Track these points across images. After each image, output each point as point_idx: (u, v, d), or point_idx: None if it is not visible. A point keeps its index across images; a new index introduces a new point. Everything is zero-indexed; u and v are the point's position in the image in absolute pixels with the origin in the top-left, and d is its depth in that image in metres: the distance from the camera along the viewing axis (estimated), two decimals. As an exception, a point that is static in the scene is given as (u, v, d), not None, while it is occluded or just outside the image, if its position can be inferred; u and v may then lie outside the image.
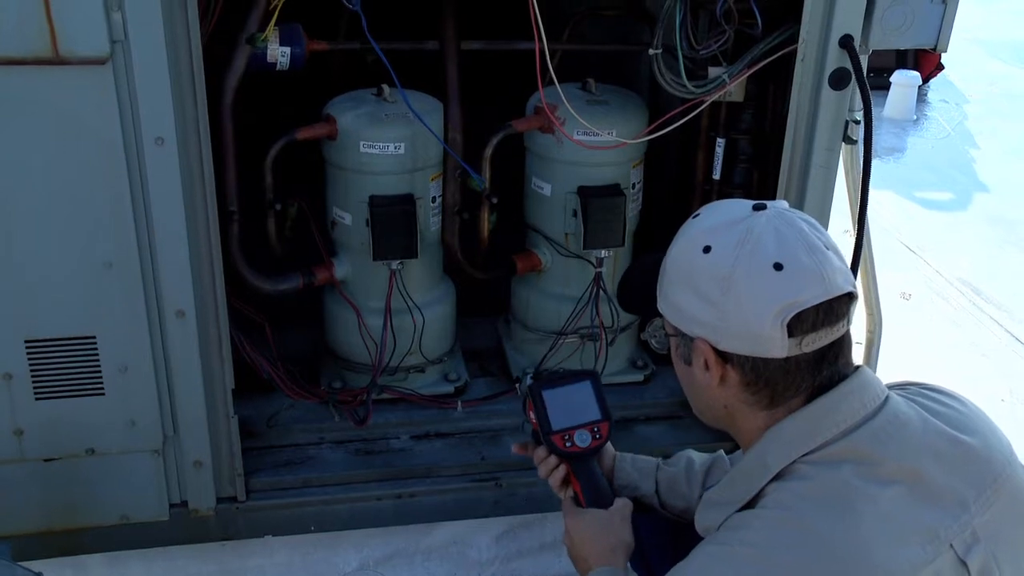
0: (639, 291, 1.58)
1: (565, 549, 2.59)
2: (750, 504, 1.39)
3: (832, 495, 1.29)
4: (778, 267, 1.32)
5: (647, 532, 1.79)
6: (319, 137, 2.37)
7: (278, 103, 2.61)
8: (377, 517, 2.43)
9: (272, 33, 2.15)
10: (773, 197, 2.31)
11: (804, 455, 1.35)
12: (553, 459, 1.80)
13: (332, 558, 2.50)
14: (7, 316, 2.04)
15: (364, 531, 2.48)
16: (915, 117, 6.94)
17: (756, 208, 1.39)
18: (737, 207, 1.42)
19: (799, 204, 2.22)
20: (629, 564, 1.68)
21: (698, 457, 1.84)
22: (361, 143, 2.33)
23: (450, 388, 2.64)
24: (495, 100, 2.63)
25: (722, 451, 1.87)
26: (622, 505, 1.73)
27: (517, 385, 2.63)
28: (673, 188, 2.74)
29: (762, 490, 1.37)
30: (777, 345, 1.33)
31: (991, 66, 8.28)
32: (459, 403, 2.59)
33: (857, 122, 2.13)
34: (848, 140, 2.15)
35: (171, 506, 2.30)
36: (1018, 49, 8.59)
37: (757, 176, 2.45)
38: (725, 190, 2.49)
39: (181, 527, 2.32)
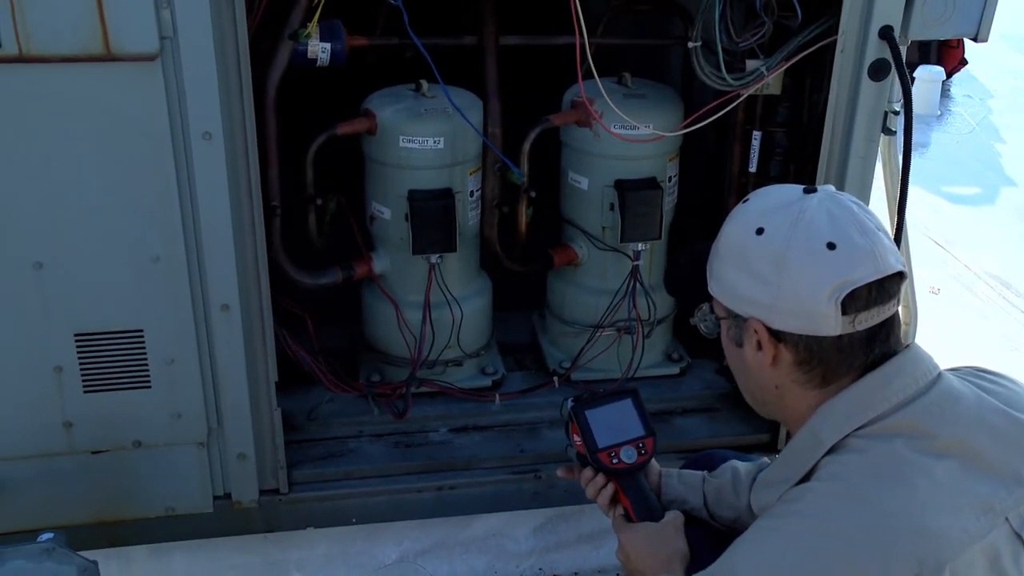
0: (689, 277, 1.59)
1: (603, 542, 2.64)
2: (804, 480, 1.40)
3: (886, 467, 1.31)
4: (831, 246, 1.34)
5: (697, 544, 1.78)
6: (359, 132, 2.39)
7: (312, 99, 2.63)
8: (418, 509, 2.45)
9: (314, 29, 2.17)
10: (811, 189, 2.34)
11: (857, 429, 1.37)
12: (601, 478, 1.82)
13: (372, 550, 2.53)
14: (58, 310, 2.07)
15: (403, 523, 2.50)
16: (939, 112, 6.91)
17: (807, 192, 1.41)
18: (788, 191, 1.44)
19: (838, 195, 2.23)
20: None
21: (743, 466, 1.85)
22: (401, 138, 2.36)
23: (487, 381, 2.66)
24: (526, 95, 2.65)
25: (765, 458, 1.89)
26: (674, 516, 1.74)
27: (555, 378, 2.65)
28: (706, 181, 2.76)
29: (816, 465, 1.39)
30: (831, 323, 1.35)
31: (1014, 60, 8.24)
32: (497, 396, 2.61)
33: (896, 113, 2.14)
34: (887, 131, 2.16)
35: (215, 498, 2.33)
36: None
37: (794, 168, 2.45)
38: (761, 183, 2.48)
39: (224, 519, 2.35)
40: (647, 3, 2.74)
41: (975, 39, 2.10)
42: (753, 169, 2.48)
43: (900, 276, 1.37)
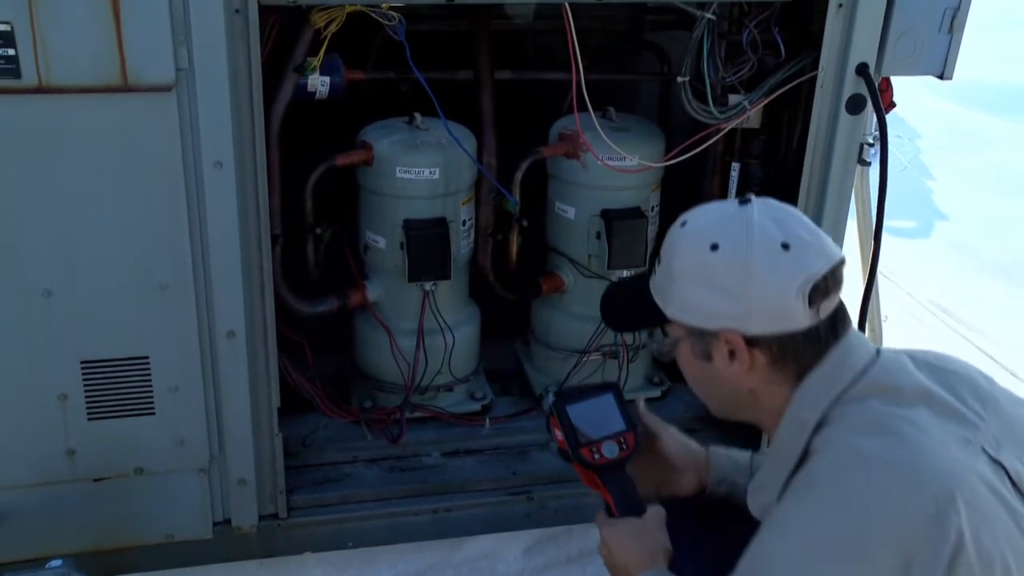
0: (631, 306, 1.66)
1: (589, 561, 2.70)
2: (800, 464, 1.46)
3: (872, 422, 1.40)
4: (786, 247, 1.44)
5: (679, 541, 1.77)
6: (356, 163, 2.46)
7: (304, 131, 2.69)
8: (414, 532, 2.49)
9: (319, 62, 2.24)
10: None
11: (833, 402, 1.45)
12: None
13: (366, 574, 2.55)
14: (65, 338, 2.09)
15: (397, 547, 2.54)
16: (873, 151, 7.20)
17: (742, 203, 1.51)
18: (721, 206, 1.55)
19: (816, 223, 2.34)
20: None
21: None
22: (397, 169, 2.43)
23: (477, 406, 2.72)
24: (510, 129, 2.74)
25: None
26: (656, 512, 1.74)
27: (540, 402, 2.72)
28: (680, 210, 2.86)
29: (806, 448, 1.45)
30: (801, 317, 1.44)
31: (936, 104, 8.65)
32: (487, 420, 2.68)
33: (871, 145, 2.29)
34: (862, 162, 2.30)
35: (214, 524, 2.34)
36: (960, 90, 8.95)
37: (770, 198, 2.58)
38: (739, 212, 2.62)
39: (223, 545, 2.37)
40: (626, 42, 2.86)
41: (941, 77, 2.26)
42: (732, 199, 2.60)
43: (842, 262, 1.48)
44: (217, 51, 1.96)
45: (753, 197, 1.51)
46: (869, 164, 2.34)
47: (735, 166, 2.57)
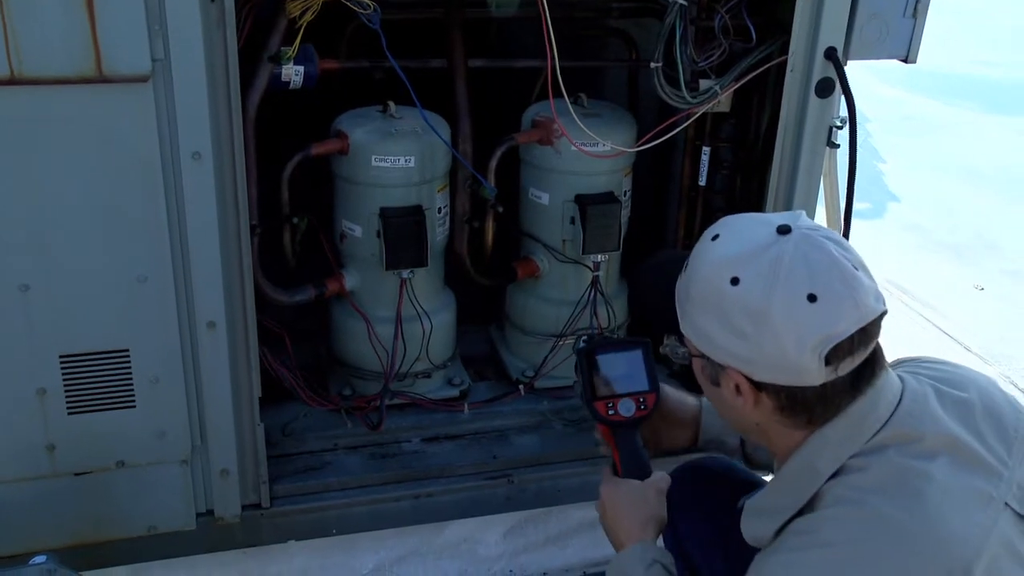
0: (659, 299, 1.54)
1: (568, 543, 2.74)
2: (806, 507, 1.39)
3: (890, 480, 1.32)
4: (812, 298, 1.29)
5: (687, 531, 1.82)
6: (332, 152, 2.46)
7: (279, 120, 2.68)
8: (396, 517, 2.51)
9: (295, 51, 2.23)
10: (755, 201, 2.51)
11: (852, 454, 1.37)
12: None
13: (349, 561, 2.57)
14: (43, 332, 2.07)
15: (379, 533, 2.56)
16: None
17: (780, 231, 1.35)
18: (759, 230, 1.38)
19: (787, 206, 2.42)
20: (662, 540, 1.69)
21: None
22: (373, 157, 2.43)
23: (455, 392, 2.74)
24: (482, 116, 2.75)
25: None
26: (658, 478, 1.71)
27: (520, 387, 2.75)
28: (653, 194, 2.91)
29: (816, 493, 1.38)
30: (814, 375, 1.33)
31: (883, 90, 8.84)
32: (466, 406, 2.70)
33: (839, 127, 2.34)
34: (831, 144, 2.35)
35: (197, 515, 2.34)
36: (906, 75, 9.15)
37: (740, 181, 2.62)
38: (708, 196, 2.67)
39: (206, 536, 2.37)
40: (593, 29, 2.88)
41: (905, 60, 2.32)
42: (703, 183, 2.64)
43: (881, 315, 1.34)
44: (193, 41, 1.94)
45: (795, 225, 1.35)
46: (838, 147, 2.39)
47: (705, 150, 2.61)
